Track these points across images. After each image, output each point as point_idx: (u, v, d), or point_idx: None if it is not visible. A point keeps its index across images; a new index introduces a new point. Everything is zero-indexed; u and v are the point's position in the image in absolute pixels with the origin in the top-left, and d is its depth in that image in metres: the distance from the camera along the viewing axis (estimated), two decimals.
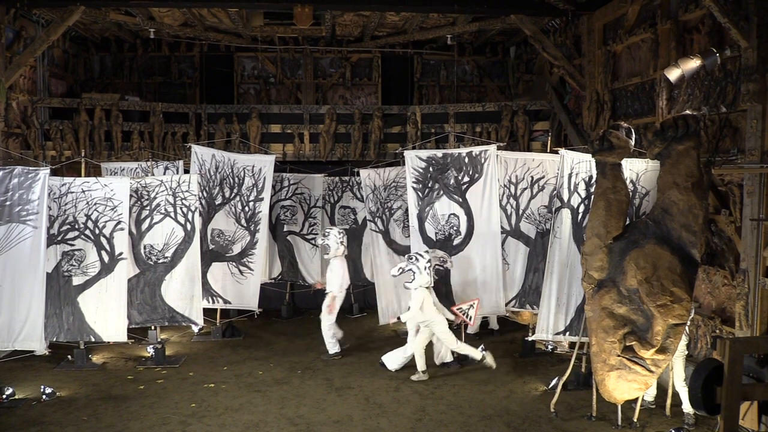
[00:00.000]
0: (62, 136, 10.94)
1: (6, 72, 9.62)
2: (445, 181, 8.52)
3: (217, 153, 9.59)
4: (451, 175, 8.51)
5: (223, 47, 13.27)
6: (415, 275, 7.69)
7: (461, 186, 8.51)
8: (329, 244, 8.83)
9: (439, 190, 8.55)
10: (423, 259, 7.74)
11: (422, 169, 8.55)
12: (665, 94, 8.05)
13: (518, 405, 7.09)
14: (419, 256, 7.79)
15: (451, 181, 8.51)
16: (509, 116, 11.47)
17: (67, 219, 7.81)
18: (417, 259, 7.75)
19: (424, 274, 7.70)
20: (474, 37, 13.33)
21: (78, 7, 9.59)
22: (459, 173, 8.51)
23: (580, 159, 7.46)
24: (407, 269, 7.74)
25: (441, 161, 8.53)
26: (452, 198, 8.54)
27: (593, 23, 10.00)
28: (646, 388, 6.29)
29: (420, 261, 7.73)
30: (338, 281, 8.77)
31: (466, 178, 8.51)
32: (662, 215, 6.17)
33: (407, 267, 7.76)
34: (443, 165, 8.52)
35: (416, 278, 7.69)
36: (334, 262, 8.82)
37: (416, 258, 7.77)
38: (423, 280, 7.70)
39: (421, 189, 8.57)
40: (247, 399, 7.27)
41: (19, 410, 6.97)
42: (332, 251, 8.80)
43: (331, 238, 8.83)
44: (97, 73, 13.37)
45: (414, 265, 7.72)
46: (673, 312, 5.98)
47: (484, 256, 8.49)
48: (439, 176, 8.54)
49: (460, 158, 8.49)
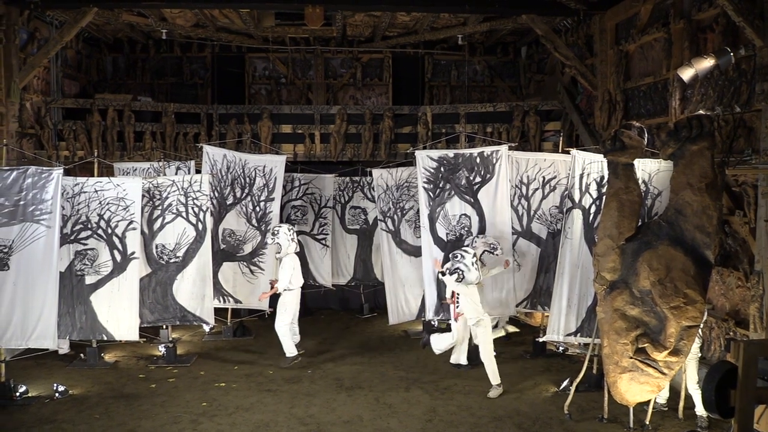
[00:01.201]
0: (75, 137, 11.03)
1: (20, 73, 9.72)
2: (456, 181, 8.49)
3: (228, 153, 9.63)
4: (463, 176, 8.48)
5: (234, 48, 13.31)
6: (464, 273, 7.37)
7: (473, 186, 8.48)
8: (279, 242, 8.47)
9: (451, 190, 8.52)
10: (469, 255, 7.44)
11: (433, 169, 8.52)
12: (678, 94, 7.98)
13: (529, 406, 7.05)
14: (464, 253, 7.47)
15: (462, 182, 8.49)
16: (520, 116, 11.43)
17: (80, 218, 7.86)
18: (463, 256, 7.42)
19: (473, 271, 7.38)
20: (485, 37, 13.29)
21: (91, 9, 9.66)
22: (470, 173, 8.48)
23: (591, 159, 7.41)
24: (454, 268, 7.39)
25: (452, 161, 8.50)
26: (463, 198, 8.51)
27: (605, 23, 9.94)
28: (658, 390, 6.23)
29: (466, 257, 7.41)
30: (286, 278, 8.43)
31: (477, 179, 8.48)
32: (676, 216, 6.12)
33: (454, 266, 7.41)
34: (454, 165, 8.49)
35: (466, 276, 7.38)
36: (286, 260, 8.46)
37: (462, 255, 7.44)
38: (472, 277, 7.40)
39: (432, 189, 8.54)
40: (258, 398, 7.29)
41: (32, 408, 7.04)
42: (283, 249, 8.46)
43: (281, 236, 8.46)
44: (109, 73, 13.46)
45: (461, 263, 7.39)
46: (687, 314, 5.93)
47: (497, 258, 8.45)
48: (450, 176, 8.51)
49: (471, 158, 8.47)
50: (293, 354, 8.44)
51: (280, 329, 8.46)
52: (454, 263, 7.46)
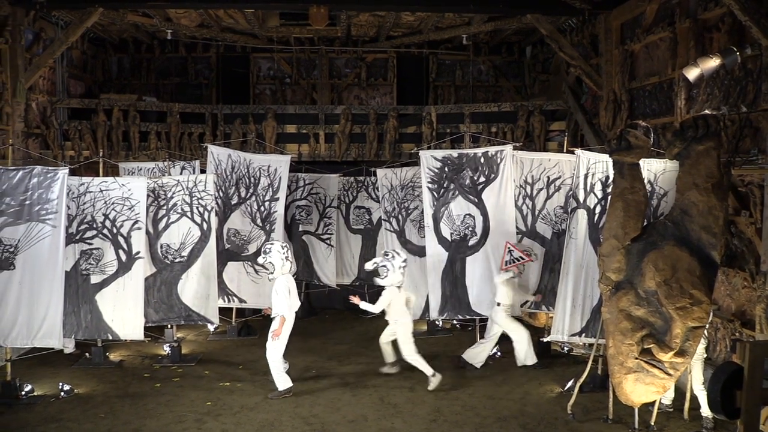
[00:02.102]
0: (81, 137, 11.07)
1: (26, 73, 9.76)
2: (460, 181, 8.48)
3: (233, 153, 9.64)
4: (467, 175, 8.47)
5: (239, 48, 13.34)
6: (388, 272, 7.65)
7: (477, 186, 8.47)
8: (273, 262, 7.33)
9: (455, 190, 8.51)
10: (399, 258, 7.75)
11: (437, 169, 8.52)
12: (684, 94, 7.95)
13: (534, 407, 7.04)
14: (396, 254, 7.79)
15: (466, 181, 8.47)
16: (525, 116, 11.41)
17: (85, 218, 7.89)
18: (393, 257, 7.74)
19: (397, 273, 7.67)
20: (490, 37, 13.28)
21: (96, 9, 9.70)
22: (474, 173, 8.46)
23: (596, 159, 7.40)
24: (381, 265, 7.72)
25: (456, 161, 8.49)
26: (468, 198, 8.50)
27: (610, 22, 9.91)
28: (663, 391, 6.21)
29: (396, 259, 7.72)
30: (285, 302, 7.32)
31: (482, 179, 8.47)
32: (681, 216, 6.09)
33: (381, 263, 7.74)
34: (459, 165, 8.48)
35: (389, 275, 7.65)
36: (280, 281, 7.33)
37: (393, 255, 7.76)
38: (395, 279, 7.67)
39: (436, 189, 8.53)
40: (262, 398, 7.30)
41: (37, 407, 7.06)
42: (276, 269, 7.34)
43: (274, 255, 7.34)
44: (115, 74, 13.50)
45: (389, 262, 7.69)
46: (693, 314, 5.91)
47: (500, 257, 8.44)
48: (454, 176, 8.50)
49: (475, 158, 8.46)
50: (286, 387, 7.36)
51: (273, 358, 7.35)
52: (383, 260, 7.75)
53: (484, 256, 8.46)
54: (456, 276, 8.43)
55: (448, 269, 8.45)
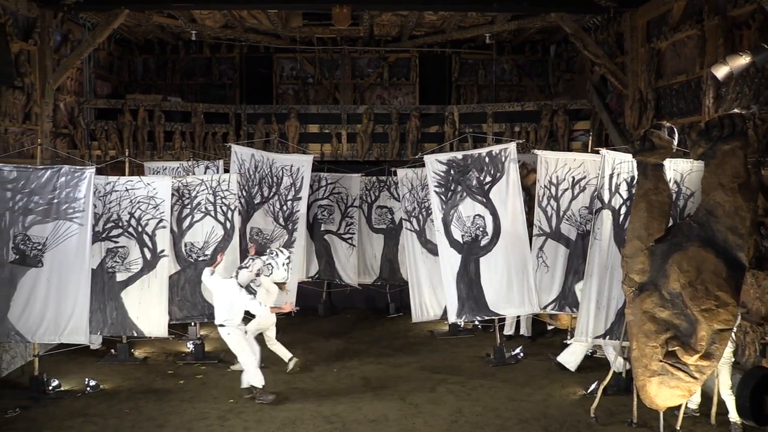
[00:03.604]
0: (107, 136, 11.25)
1: (54, 74, 9.94)
2: (467, 182, 8.41)
3: (256, 153, 9.70)
4: (473, 176, 8.40)
5: (262, 48, 13.43)
6: (273, 270, 8.05)
7: (484, 186, 8.40)
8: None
9: (462, 191, 8.44)
10: (282, 256, 8.18)
11: (443, 173, 8.46)
12: (712, 93, 7.80)
13: (556, 409, 6.97)
14: (280, 252, 8.25)
15: (473, 182, 8.41)
16: (549, 116, 11.30)
17: (111, 217, 8.00)
18: (277, 255, 8.16)
19: (282, 270, 8.12)
20: (513, 36, 13.18)
21: (122, 11, 9.84)
22: (480, 173, 8.40)
23: (621, 159, 7.29)
24: (267, 263, 8.06)
25: (461, 163, 8.43)
26: (476, 199, 8.44)
27: (636, 20, 9.77)
28: (689, 395, 6.10)
29: (280, 257, 8.15)
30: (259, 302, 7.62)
31: (488, 178, 8.40)
32: (707, 217, 5.98)
33: (267, 261, 8.09)
34: (464, 166, 8.42)
35: (275, 273, 8.07)
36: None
37: (276, 254, 8.18)
38: (280, 275, 8.14)
39: (443, 192, 8.47)
40: (284, 395, 7.34)
41: (64, 401, 7.19)
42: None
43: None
44: (140, 74, 13.70)
45: (273, 260, 8.08)
46: (719, 317, 5.79)
47: (513, 256, 8.37)
48: (460, 178, 8.43)
49: (480, 158, 8.39)
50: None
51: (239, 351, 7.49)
52: (269, 258, 8.13)
53: (498, 255, 8.38)
54: (471, 278, 8.38)
55: (462, 271, 8.40)
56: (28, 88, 9.54)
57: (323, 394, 7.38)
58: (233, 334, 7.29)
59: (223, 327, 7.33)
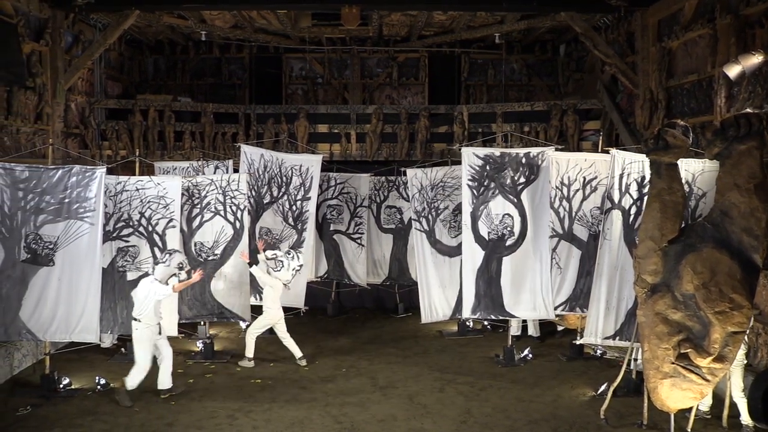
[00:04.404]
0: (118, 136, 11.31)
1: (65, 74, 10.01)
2: (501, 180, 8.39)
3: (265, 153, 9.72)
4: (508, 175, 8.38)
5: (271, 49, 13.47)
6: (282, 269, 8.33)
7: (517, 186, 8.38)
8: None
9: (495, 189, 8.42)
10: (296, 261, 8.47)
11: (479, 167, 8.43)
12: (724, 92, 7.74)
13: (565, 410, 6.93)
14: (297, 256, 8.54)
15: (507, 181, 8.38)
16: (558, 115, 11.26)
17: (121, 216, 8.04)
18: (293, 258, 8.47)
19: (289, 273, 8.40)
20: (522, 36, 13.14)
21: (133, 11, 9.90)
22: (515, 173, 8.37)
23: (631, 159, 7.24)
24: (280, 259, 8.35)
25: (498, 160, 8.41)
26: (507, 198, 8.40)
27: (647, 19, 9.71)
28: (701, 397, 6.05)
29: (294, 260, 8.45)
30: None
31: (521, 179, 8.37)
32: (721, 218, 5.92)
33: (281, 257, 8.38)
34: (500, 164, 8.40)
35: (281, 272, 8.34)
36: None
37: (294, 257, 8.48)
38: (285, 277, 8.37)
39: (476, 187, 8.45)
40: (293, 395, 7.35)
41: (75, 400, 7.23)
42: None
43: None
44: (150, 75, 13.77)
45: (286, 260, 8.35)
46: (732, 319, 5.73)
47: (535, 258, 8.34)
48: (495, 175, 8.41)
49: (517, 158, 8.37)
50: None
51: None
52: (283, 256, 8.41)
53: (521, 256, 8.35)
54: (491, 276, 8.35)
55: (483, 268, 8.38)
56: (40, 88, 9.61)
57: (331, 394, 7.39)
58: (140, 330, 7.21)
59: (135, 321, 7.24)
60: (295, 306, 9.71)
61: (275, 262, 8.36)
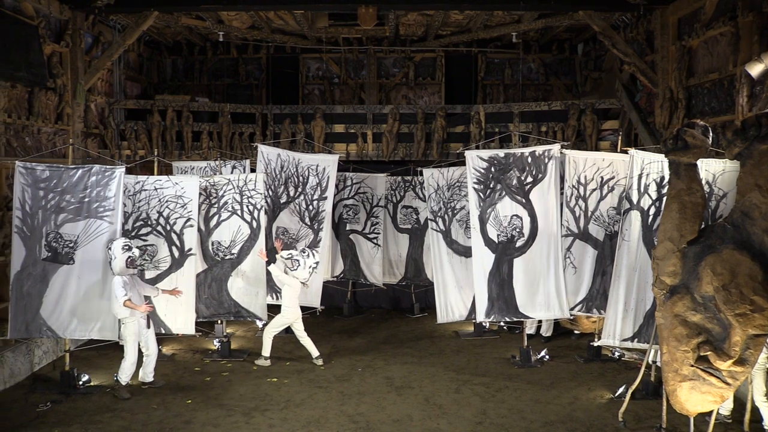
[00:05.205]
0: (136, 136, 11.44)
1: (85, 75, 10.14)
2: (507, 181, 8.34)
3: (282, 152, 9.76)
4: (514, 176, 8.33)
5: (288, 49, 13.53)
6: (298, 267, 8.34)
7: (524, 186, 8.32)
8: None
9: (501, 190, 8.38)
10: (312, 258, 8.44)
11: (484, 170, 8.40)
12: (746, 91, 7.62)
13: (583, 412, 6.87)
14: (312, 254, 8.50)
15: (513, 182, 8.33)
16: (576, 115, 11.17)
17: (140, 215, 8.13)
18: (309, 256, 8.42)
19: (306, 271, 8.39)
20: (540, 35, 13.06)
21: (152, 13, 10.00)
22: (522, 173, 8.31)
23: (650, 159, 7.16)
24: (295, 258, 8.35)
25: (503, 161, 8.36)
26: (515, 199, 8.36)
27: (667, 17, 9.60)
28: (721, 401, 5.95)
29: (309, 258, 8.41)
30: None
31: (529, 179, 8.31)
32: (742, 219, 5.83)
33: (296, 256, 8.38)
34: (505, 165, 8.35)
35: (298, 270, 8.35)
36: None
37: (309, 255, 8.44)
38: (302, 275, 8.38)
39: (482, 190, 8.42)
40: (309, 394, 7.37)
41: (94, 396, 7.32)
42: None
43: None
44: (169, 75, 13.90)
45: (302, 258, 8.36)
46: (754, 322, 5.64)
47: (547, 259, 8.28)
48: (501, 176, 8.36)
49: (522, 158, 8.30)
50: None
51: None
52: (299, 255, 8.40)
53: (532, 257, 8.31)
54: (503, 278, 8.31)
55: (494, 271, 8.34)
56: (60, 89, 9.75)
57: (347, 394, 7.40)
58: (128, 324, 7.40)
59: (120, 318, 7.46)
60: (312, 306, 9.75)
61: (292, 261, 8.42)
